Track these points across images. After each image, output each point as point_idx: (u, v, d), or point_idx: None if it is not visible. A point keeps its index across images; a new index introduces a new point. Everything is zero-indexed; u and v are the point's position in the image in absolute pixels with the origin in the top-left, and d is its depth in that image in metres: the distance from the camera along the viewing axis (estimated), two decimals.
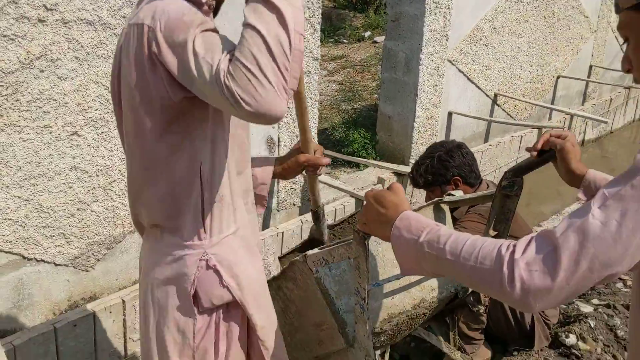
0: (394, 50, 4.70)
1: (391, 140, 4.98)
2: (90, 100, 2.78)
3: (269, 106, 1.12)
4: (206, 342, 1.50)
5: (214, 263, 1.46)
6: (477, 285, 1.07)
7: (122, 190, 3.02)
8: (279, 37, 1.10)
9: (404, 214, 1.22)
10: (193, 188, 1.41)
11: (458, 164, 2.70)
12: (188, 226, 1.44)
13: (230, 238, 1.50)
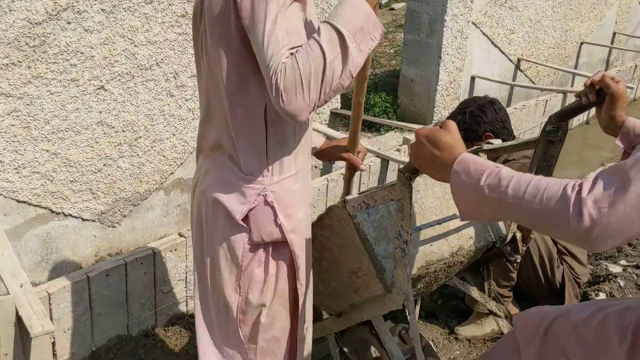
0: (417, 12, 4.62)
1: (413, 104, 4.92)
2: (116, 54, 2.75)
3: (297, 112, 1.26)
4: (254, 266, 1.52)
5: (272, 200, 1.50)
6: (543, 227, 1.04)
7: (148, 147, 3.01)
8: (334, 70, 1.24)
9: (462, 156, 1.18)
10: (258, 126, 1.45)
11: (490, 119, 2.65)
12: (251, 160, 1.49)
13: (290, 180, 1.53)
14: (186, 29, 2.96)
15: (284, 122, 1.49)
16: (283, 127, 1.49)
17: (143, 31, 2.82)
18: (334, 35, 1.24)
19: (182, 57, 3.01)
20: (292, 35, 1.27)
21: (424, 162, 1.26)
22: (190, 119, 3.15)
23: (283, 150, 1.51)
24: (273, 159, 1.50)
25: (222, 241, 1.54)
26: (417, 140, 1.27)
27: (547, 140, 1.68)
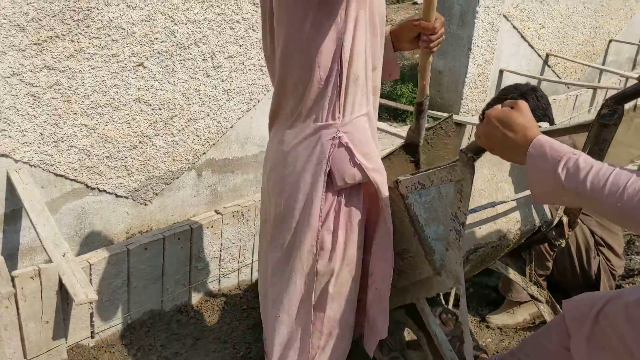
0: (449, 2, 4.59)
1: (440, 95, 4.90)
2: (156, 31, 2.76)
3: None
4: (323, 233, 1.53)
5: (346, 141, 1.52)
6: (624, 223, 1.04)
7: (183, 126, 3.02)
8: None
9: (538, 139, 1.17)
10: (333, 67, 1.48)
11: (532, 107, 2.63)
12: (325, 106, 1.50)
13: (362, 119, 1.54)
14: (225, 9, 2.96)
15: (357, 59, 1.52)
16: (356, 64, 1.52)
17: (183, 9, 2.82)
18: None
19: (220, 37, 3.01)
20: None
21: (495, 144, 1.25)
22: (225, 99, 3.15)
23: (356, 88, 1.53)
24: (345, 99, 1.52)
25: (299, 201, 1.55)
26: (487, 122, 1.26)
27: (601, 124, 1.66)
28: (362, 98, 1.57)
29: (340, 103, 1.53)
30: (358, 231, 1.58)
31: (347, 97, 1.54)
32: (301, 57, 1.51)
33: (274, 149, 1.66)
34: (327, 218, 1.53)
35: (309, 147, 1.57)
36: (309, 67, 1.51)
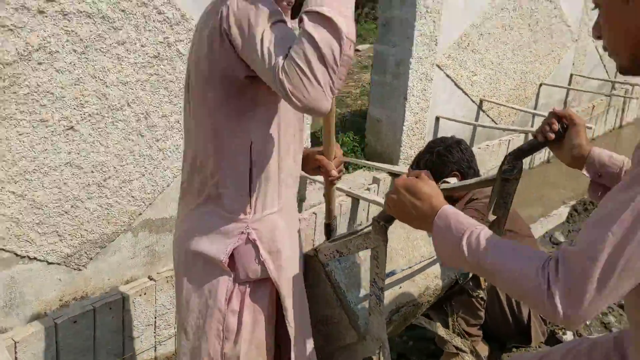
0: (384, 54, 4.74)
1: (380, 143, 5.01)
2: (87, 94, 2.74)
3: (315, 103, 1.23)
4: (233, 311, 1.52)
5: (254, 238, 1.52)
6: (522, 300, 1.10)
7: (117, 188, 2.98)
8: (331, 44, 1.20)
9: (443, 211, 1.22)
10: (243, 163, 1.49)
11: (457, 159, 2.73)
12: (234, 199, 1.51)
13: (274, 217, 1.54)
14: (158, 69, 2.98)
15: (267, 158, 1.54)
16: (267, 163, 1.54)
17: (115, 72, 2.82)
18: (313, 16, 1.23)
19: (153, 97, 3.01)
20: (285, 41, 1.29)
21: (403, 213, 1.29)
22: (161, 158, 3.14)
23: (266, 186, 1.55)
24: (256, 195, 1.53)
25: (203, 286, 1.54)
26: (395, 190, 1.30)
27: (503, 179, 1.73)
28: (274, 195, 1.58)
29: (252, 200, 1.54)
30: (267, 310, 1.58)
31: (259, 195, 1.55)
32: (212, 148, 1.52)
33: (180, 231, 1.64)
34: (236, 300, 1.53)
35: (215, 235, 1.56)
36: (219, 160, 1.52)
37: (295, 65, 1.21)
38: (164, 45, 2.96)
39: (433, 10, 4.52)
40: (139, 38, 2.84)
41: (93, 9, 2.64)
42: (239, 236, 1.51)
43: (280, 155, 1.56)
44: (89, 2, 2.62)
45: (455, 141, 2.82)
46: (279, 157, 1.56)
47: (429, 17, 4.51)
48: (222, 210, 1.52)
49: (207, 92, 1.47)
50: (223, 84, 1.45)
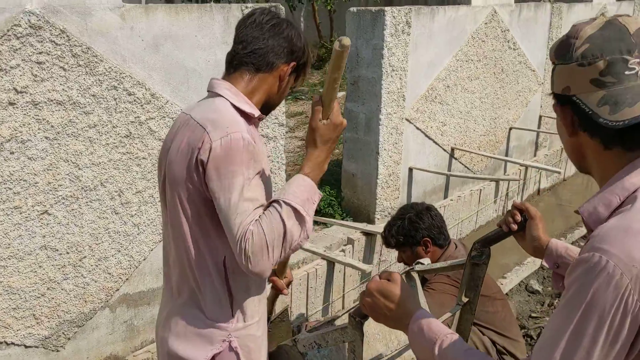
0: (354, 112, 4.86)
1: (356, 197, 5.09)
2: (60, 178, 2.80)
3: (262, 271, 1.43)
4: None
5: (236, 346, 1.58)
6: None
7: (93, 266, 3.01)
8: (293, 234, 1.42)
9: (416, 316, 1.29)
10: (219, 275, 1.58)
11: (427, 225, 2.81)
12: (215, 307, 1.61)
13: (254, 327, 1.61)
14: (130, 148, 3.05)
15: (242, 272, 1.61)
16: (245, 276, 1.62)
17: (87, 154, 2.88)
18: (289, 208, 1.43)
19: (126, 175, 3.08)
20: (256, 203, 1.45)
21: (378, 315, 1.36)
22: (136, 233, 3.18)
23: (246, 297, 1.63)
24: (237, 306, 1.61)
25: None
26: (369, 293, 1.37)
27: (472, 264, 1.82)
28: (255, 306, 1.66)
29: (234, 311, 1.62)
30: None
31: (240, 306, 1.63)
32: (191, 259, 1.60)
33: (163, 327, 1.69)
34: None
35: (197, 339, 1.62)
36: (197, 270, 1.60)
37: (263, 238, 1.39)
38: (135, 125, 3.04)
39: (398, 69, 4.67)
40: (110, 120, 2.92)
41: (63, 96, 2.73)
42: (221, 343, 1.58)
43: None
44: (59, 90, 2.70)
45: (425, 207, 2.91)
46: None
47: (395, 75, 4.67)
48: (204, 317, 1.58)
49: (184, 204, 1.55)
50: (198, 201, 1.54)
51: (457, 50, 5.32)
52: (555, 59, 1.15)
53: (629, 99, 1.04)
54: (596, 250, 0.99)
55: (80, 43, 2.73)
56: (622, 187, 1.07)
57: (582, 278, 1.00)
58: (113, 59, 2.87)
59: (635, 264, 0.95)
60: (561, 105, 1.14)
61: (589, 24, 1.12)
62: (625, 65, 1.05)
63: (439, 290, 2.60)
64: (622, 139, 1.08)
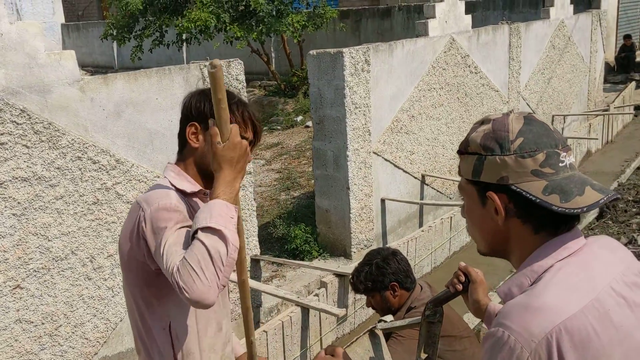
0: (322, 150, 4.97)
1: (331, 232, 5.18)
2: (30, 252, 2.86)
3: (201, 296, 1.44)
4: None
5: None
6: None
7: (69, 334, 3.06)
8: (219, 249, 1.45)
9: None
10: (165, 340, 1.70)
11: (394, 270, 2.90)
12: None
13: None
14: (98, 214, 3.12)
15: (189, 337, 1.71)
16: (188, 341, 1.71)
17: (56, 225, 2.95)
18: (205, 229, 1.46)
19: (96, 240, 3.14)
20: (182, 245, 1.53)
21: None
22: (111, 296, 3.24)
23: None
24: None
25: None
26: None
27: (428, 322, 1.92)
28: None
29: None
30: None
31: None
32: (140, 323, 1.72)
33: None
34: None
35: None
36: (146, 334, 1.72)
37: (188, 265, 1.44)
38: (102, 191, 3.11)
39: (361, 105, 4.80)
40: (76, 189, 2.99)
41: (28, 172, 2.80)
42: None
43: (200, 332, 1.74)
44: (24, 167, 2.78)
45: (391, 252, 3.00)
46: (199, 334, 1.74)
47: (359, 112, 4.79)
48: None
49: (130, 277, 1.69)
50: (139, 272, 1.66)
51: (418, 80, 5.47)
52: (482, 150, 1.20)
53: (575, 190, 1.13)
54: (500, 325, 1.09)
55: (42, 120, 2.81)
56: (531, 270, 1.17)
57: (489, 351, 1.10)
58: (75, 130, 2.95)
59: (534, 339, 1.05)
60: (496, 193, 1.19)
61: (508, 118, 1.21)
62: (558, 157, 1.16)
63: (408, 337, 2.68)
64: (556, 225, 1.17)
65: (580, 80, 9.20)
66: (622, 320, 1.09)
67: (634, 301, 1.13)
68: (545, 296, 1.08)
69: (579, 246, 1.17)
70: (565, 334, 1.04)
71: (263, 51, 11.90)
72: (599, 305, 1.09)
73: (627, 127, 10.47)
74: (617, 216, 5.73)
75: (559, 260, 1.15)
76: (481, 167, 1.20)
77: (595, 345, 1.06)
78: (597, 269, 1.15)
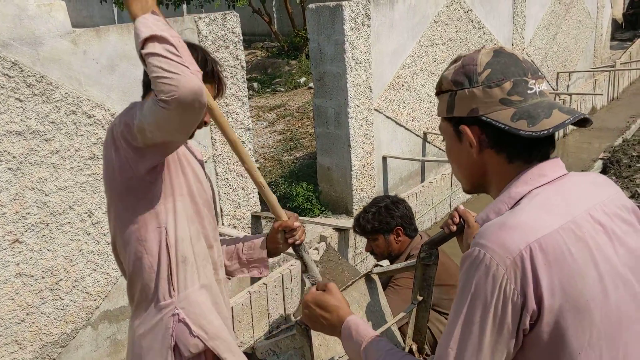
0: (323, 107, 4.92)
1: (333, 190, 5.16)
2: (27, 206, 2.86)
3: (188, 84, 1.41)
4: None
5: (183, 316, 1.73)
6: None
7: (70, 288, 3.08)
8: (165, 47, 1.43)
9: (346, 322, 1.39)
10: (162, 253, 1.71)
11: (402, 214, 2.92)
12: (161, 287, 1.72)
13: (195, 292, 1.76)
14: (95, 169, 3.10)
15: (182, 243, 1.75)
16: (182, 247, 1.75)
17: (52, 180, 2.94)
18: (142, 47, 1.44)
19: (94, 196, 3.13)
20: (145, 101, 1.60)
21: (316, 324, 1.46)
22: (110, 251, 3.24)
23: (185, 267, 1.76)
24: (177, 277, 1.74)
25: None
26: (305, 305, 1.47)
27: (423, 265, 1.91)
28: (193, 274, 1.78)
29: (173, 282, 1.74)
30: None
31: (179, 277, 1.75)
32: (131, 247, 1.73)
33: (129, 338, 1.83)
34: None
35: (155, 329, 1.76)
36: (139, 255, 1.72)
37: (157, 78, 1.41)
38: (98, 145, 3.09)
39: (362, 61, 4.72)
40: (72, 144, 2.97)
41: (22, 126, 2.77)
42: (172, 319, 1.72)
43: (192, 238, 1.78)
44: (17, 121, 2.75)
45: (399, 199, 3.02)
46: (192, 240, 1.77)
47: (360, 68, 4.72)
48: (155, 304, 1.73)
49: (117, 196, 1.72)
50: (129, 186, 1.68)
51: (420, 36, 5.37)
52: (453, 86, 1.22)
53: (542, 113, 1.13)
54: (476, 245, 1.09)
55: (34, 73, 2.77)
56: (509, 196, 1.17)
57: (466, 272, 1.10)
58: (69, 84, 2.92)
59: (509, 255, 1.05)
60: (469, 126, 1.20)
61: (479, 53, 1.21)
62: (526, 85, 1.16)
63: (404, 286, 2.69)
64: (529, 152, 1.17)
65: (586, 36, 9.03)
66: (598, 244, 1.10)
67: (612, 230, 1.13)
68: (521, 216, 1.09)
69: (558, 175, 1.18)
70: (539, 251, 1.05)
71: (265, 11, 11.73)
72: (575, 227, 1.09)
73: (633, 84, 10.33)
74: (621, 171, 5.68)
75: (536, 187, 1.15)
76: (453, 102, 1.22)
77: (570, 264, 1.06)
78: (575, 196, 1.15)
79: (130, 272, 1.77)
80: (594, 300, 1.07)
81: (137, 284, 1.77)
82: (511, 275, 1.04)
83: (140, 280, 1.75)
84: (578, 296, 1.05)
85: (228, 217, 3.95)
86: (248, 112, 3.95)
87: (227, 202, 3.93)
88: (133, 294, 1.81)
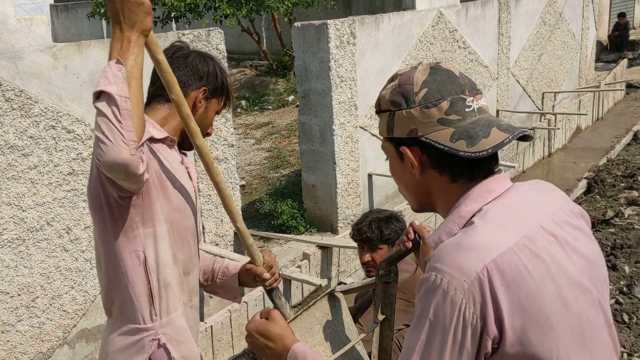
0: (308, 124, 4.92)
1: (318, 207, 5.14)
2: (4, 222, 2.81)
3: (111, 155, 1.41)
4: None
5: (164, 342, 1.69)
6: None
7: (46, 306, 3.02)
8: (111, 107, 1.41)
9: (293, 350, 1.36)
10: (141, 275, 1.66)
11: (402, 227, 2.87)
12: (141, 310, 1.67)
13: (179, 317, 1.73)
14: (75, 185, 3.07)
15: (164, 268, 1.70)
16: (163, 272, 1.70)
17: (30, 195, 2.90)
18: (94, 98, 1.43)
19: (73, 212, 3.09)
20: None
21: (260, 353, 1.43)
22: (89, 268, 3.20)
23: (167, 292, 1.71)
24: (159, 302, 1.69)
25: None
26: (248, 334, 1.44)
27: (383, 282, 1.89)
28: (176, 300, 1.74)
29: (155, 307, 1.70)
30: None
31: (161, 301, 1.71)
32: (109, 264, 1.68)
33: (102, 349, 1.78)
34: None
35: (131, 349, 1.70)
36: (117, 274, 1.67)
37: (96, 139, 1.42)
38: (78, 161, 3.06)
39: (347, 79, 4.74)
40: (50, 159, 2.94)
41: (0, 141, 2.74)
42: (151, 343, 1.67)
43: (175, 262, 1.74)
44: None
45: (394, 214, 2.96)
46: (173, 264, 1.73)
47: (345, 86, 4.73)
48: (133, 325, 1.67)
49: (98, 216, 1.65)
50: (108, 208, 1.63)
51: (405, 55, 5.40)
52: (391, 106, 1.20)
53: (481, 132, 1.12)
54: (432, 269, 1.07)
55: (13, 87, 2.75)
56: (459, 215, 1.15)
57: (424, 297, 1.07)
58: (48, 99, 2.89)
59: (466, 279, 1.03)
60: (409, 147, 1.18)
61: (415, 70, 1.19)
62: (464, 103, 1.15)
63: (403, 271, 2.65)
64: (471, 170, 1.16)
65: (571, 57, 9.14)
66: (553, 257, 1.08)
67: (564, 238, 1.12)
68: (474, 235, 1.07)
69: (505, 189, 1.16)
70: (496, 272, 1.03)
71: (254, 30, 11.78)
72: (529, 242, 1.07)
73: (618, 105, 10.45)
74: (605, 191, 5.71)
75: (485, 204, 1.13)
76: (392, 123, 1.20)
77: (527, 282, 1.04)
78: (525, 208, 1.13)
79: (108, 287, 1.72)
80: (554, 315, 1.05)
81: (115, 300, 1.71)
82: (469, 300, 1.02)
83: (118, 297, 1.70)
84: (538, 313, 1.04)
85: (210, 234, 3.91)
86: (232, 128, 3.93)
87: (209, 219, 3.89)
88: (110, 309, 1.76)
